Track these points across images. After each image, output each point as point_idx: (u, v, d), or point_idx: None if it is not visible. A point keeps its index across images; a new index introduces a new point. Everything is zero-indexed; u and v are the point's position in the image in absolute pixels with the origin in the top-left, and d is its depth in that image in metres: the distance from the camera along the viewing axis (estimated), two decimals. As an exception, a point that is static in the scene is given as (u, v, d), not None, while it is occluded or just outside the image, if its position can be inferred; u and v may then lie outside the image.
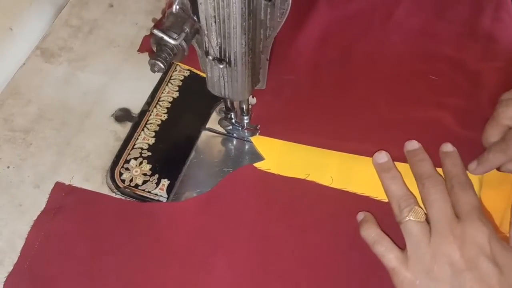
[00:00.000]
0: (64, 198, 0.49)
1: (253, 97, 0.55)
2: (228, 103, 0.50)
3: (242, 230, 0.47)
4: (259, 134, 0.53)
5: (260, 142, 0.53)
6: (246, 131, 0.53)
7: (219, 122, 0.53)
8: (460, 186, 0.44)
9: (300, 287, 0.45)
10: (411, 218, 0.43)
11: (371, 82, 0.56)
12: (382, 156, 0.49)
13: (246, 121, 0.52)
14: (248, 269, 0.45)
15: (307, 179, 0.50)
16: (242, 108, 0.51)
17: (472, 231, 0.41)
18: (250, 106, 0.52)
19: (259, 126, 0.52)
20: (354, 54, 0.59)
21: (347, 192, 0.49)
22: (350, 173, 0.50)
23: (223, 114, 0.52)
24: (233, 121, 0.52)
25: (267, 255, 0.46)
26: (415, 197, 0.45)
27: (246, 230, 0.47)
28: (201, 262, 0.46)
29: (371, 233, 0.44)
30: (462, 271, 0.40)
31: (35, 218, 0.48)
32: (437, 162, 0.48)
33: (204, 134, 0.54)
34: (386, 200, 0.47)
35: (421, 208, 0.44)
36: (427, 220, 0.43)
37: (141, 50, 0.61)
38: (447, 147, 0.49)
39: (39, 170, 0.52)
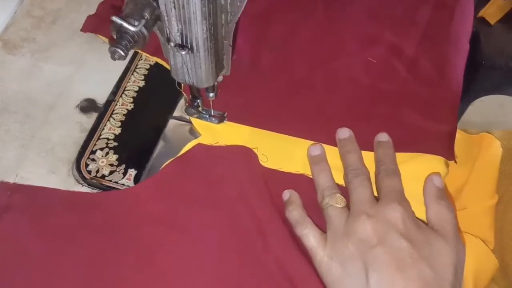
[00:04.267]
0: (10, 196, 0.48)
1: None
2: (194, 90, 0.49)
3: (193, 207, 0.47)
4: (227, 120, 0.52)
5: (198, 123, 0.53)
6: (213, 118, 0.52)
7: (186, 110, 0.52)
8: (386, 173, 0.46)
9: (255, 257, 0.45)
10: (332, 204, 0.45)
11: (309, 63, 0.57)
12: (316, 149, 0.50)
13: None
14: (205, 245, 0.46)
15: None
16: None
17: (386, 210, 0.42)
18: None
19: (226, 113, 0.52)
20: (295, 36, 0.59)
21: (281, 171, 0.50)
22: (284, 153, 0.51)
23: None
24: (200, 108, 0.52)
25: (221, 229, 0.46)
26: (339, 189, 0.47)
27: (197, 206, 0.47)
28: (158, 244, 0.46)
29: (294, 214, 0.46)
30: (374, 246, 0.41)
31: (-1, 212, 0.47)
32: (367, 146, 0.50)
33: (171, 122, 0.54)
34: None
35: (343, 197, 0.45)
36: (349, 207, 0.45)
37: (83, 29, 0.60)
38: (382, 137, 0.50)
39: (3, 164, 0.51)
